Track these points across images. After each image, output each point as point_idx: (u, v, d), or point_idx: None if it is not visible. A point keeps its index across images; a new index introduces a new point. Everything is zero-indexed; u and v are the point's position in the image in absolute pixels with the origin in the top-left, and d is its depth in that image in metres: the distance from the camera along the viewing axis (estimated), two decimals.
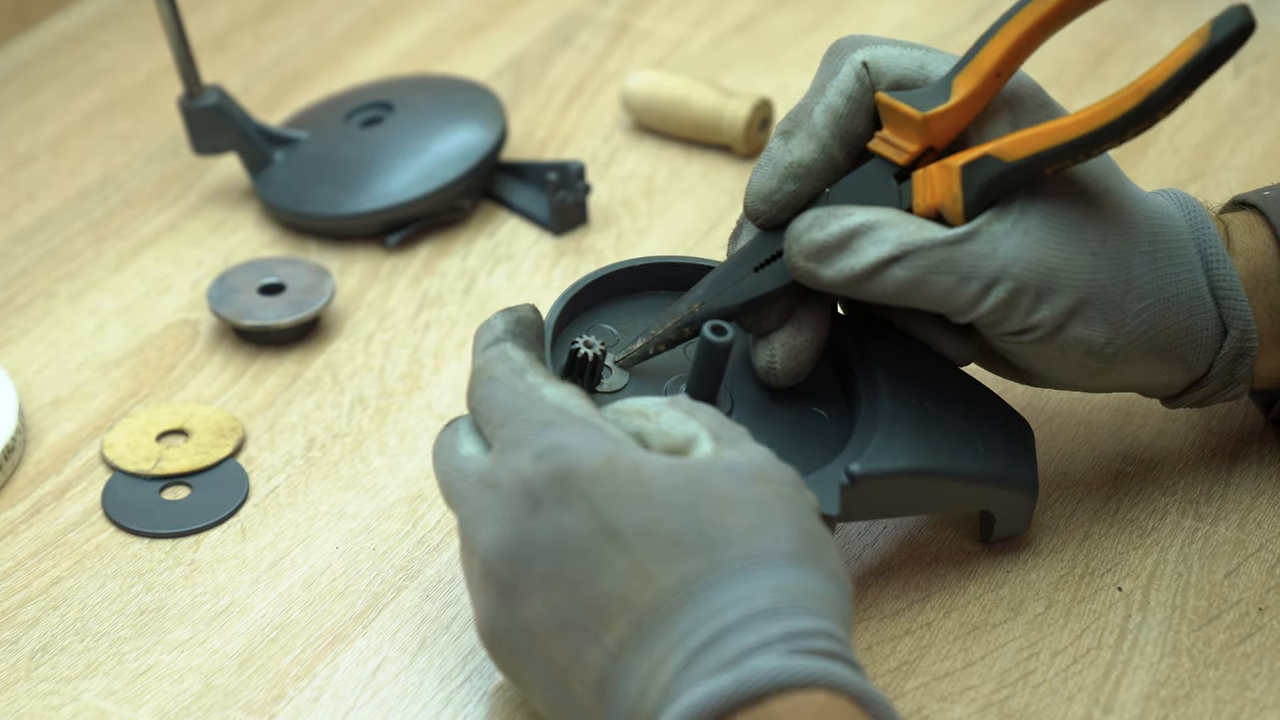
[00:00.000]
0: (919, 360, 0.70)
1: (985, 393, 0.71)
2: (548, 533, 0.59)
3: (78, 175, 0.94)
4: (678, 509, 0.58)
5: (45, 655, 0.69)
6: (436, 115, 0.91)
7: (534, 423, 0.61)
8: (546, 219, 0.89)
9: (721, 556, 0.57)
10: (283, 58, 1.03)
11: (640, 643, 0.57)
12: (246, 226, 0.90)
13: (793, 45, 1.01)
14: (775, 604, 0.57)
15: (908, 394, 0.68)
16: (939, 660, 0.67)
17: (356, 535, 0.74)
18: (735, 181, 0.92)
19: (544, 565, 0.59)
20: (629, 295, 0.71)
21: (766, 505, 0.59)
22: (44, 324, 0.85)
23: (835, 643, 0.57)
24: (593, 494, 0.58)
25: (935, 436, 0.68)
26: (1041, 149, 0.64)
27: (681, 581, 0.57)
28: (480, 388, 0.63)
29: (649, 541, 0.58)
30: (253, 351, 0.83)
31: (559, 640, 0.59)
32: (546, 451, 0.59)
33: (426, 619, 0.70)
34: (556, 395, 0.62)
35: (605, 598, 0.58)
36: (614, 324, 0.70)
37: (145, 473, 0.76)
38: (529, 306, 0.66)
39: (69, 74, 1.02)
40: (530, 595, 0.59)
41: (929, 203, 0.66)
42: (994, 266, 0.65)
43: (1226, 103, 0.94)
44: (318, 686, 0.67)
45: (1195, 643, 0.68)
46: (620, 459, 0.59)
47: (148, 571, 0.72)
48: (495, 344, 0.64)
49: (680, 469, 0.59)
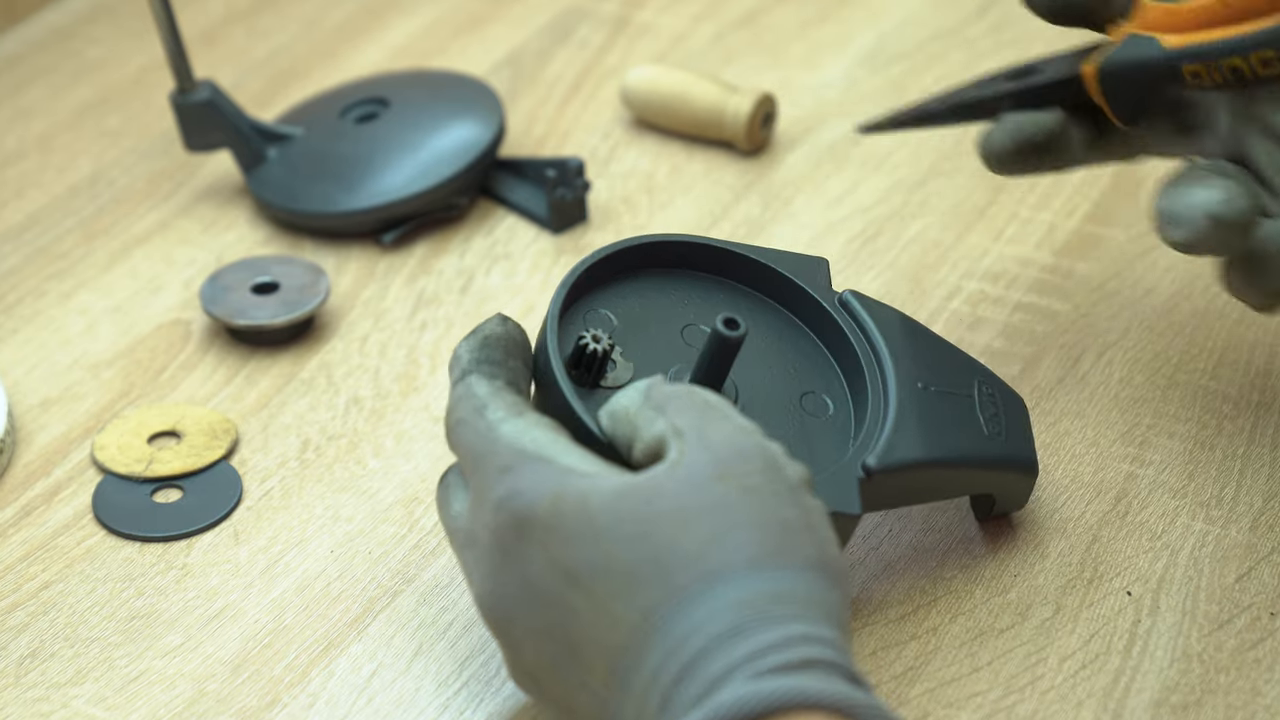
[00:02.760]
0: (921, 339, 0.70)
1: (983, 370, 0.71)
2: (517, 585, 0.59)
3: (67, 172, 0.94)
4: (628, 540, 0.57)
5: (34, 661, 0.69)
6: (433, 111, 0.91)
7: (493, 469, 0.60)
8: (545, 217, 0.89)
9: (677, 581, 0.56)
10: (276, 52, 1.03)
11: (619, 684, 0.57)
12: (239, 224, 0.90)
13: (796, 39, 1.01)
14: (737, 622, 0.55)
15: (912, 377, 0.68)
16: (945, 665, 0.67)
17: (351, 539, 0.73)
18: (737, 178, 0.91)
19: (523, 617, 0.59)
20: (627, 277, 0.69)
21: (726, 508, 0.57)
22: (33, 324, 0.85)
23: (810, 645, 0.55)
24: (547, 540, 0.58)
25: (946, 423, 0.67)
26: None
27: (643, 615, 0.56)
28: (451, 432, 0.63)
29: (606, 580, 0.57)
30: (246, 352, 0.83)
31: (558, 683, 0.59)
32: (503, 501, 0.59)
33: (423, 624, 0.70)
34: (513, 432, 0.61)
35: (580, 642, 0.58)
36: (611, 308, 0.68)
37: (136, 475, 0.76)
38: (495, 319, 0.65)
39: (58, 69, 1.02)
40: (523, 644, 0.60)
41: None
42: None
43: None
44: (312, 693, 0.67)
45: (1206, 648, 0.67)
46: (567, 497, 0.58)
47: (139, 576, 0.72)
48: (461, 379, 0.64)
49: (630, 493, 0.58)
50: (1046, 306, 0.82)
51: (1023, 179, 0.89)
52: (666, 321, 0.69)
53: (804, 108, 0.95)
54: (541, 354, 0.65)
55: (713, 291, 0.70)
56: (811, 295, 0.70)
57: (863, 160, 0.91)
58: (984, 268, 0.84)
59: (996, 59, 0.97)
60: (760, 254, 0.70)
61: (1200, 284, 0.83)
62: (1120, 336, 0.80)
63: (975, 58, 0.97)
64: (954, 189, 0.89)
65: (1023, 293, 0.83)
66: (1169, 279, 0.83)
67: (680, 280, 0.70)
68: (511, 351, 0.65)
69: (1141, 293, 0.82)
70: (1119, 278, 0.83)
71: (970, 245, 0.86)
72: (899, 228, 0.87)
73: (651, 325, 0.68)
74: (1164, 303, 0.82)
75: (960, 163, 0.91)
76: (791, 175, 0.91)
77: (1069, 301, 0.82)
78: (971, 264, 0.85)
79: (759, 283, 0.71)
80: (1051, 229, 0.86)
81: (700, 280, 0.70)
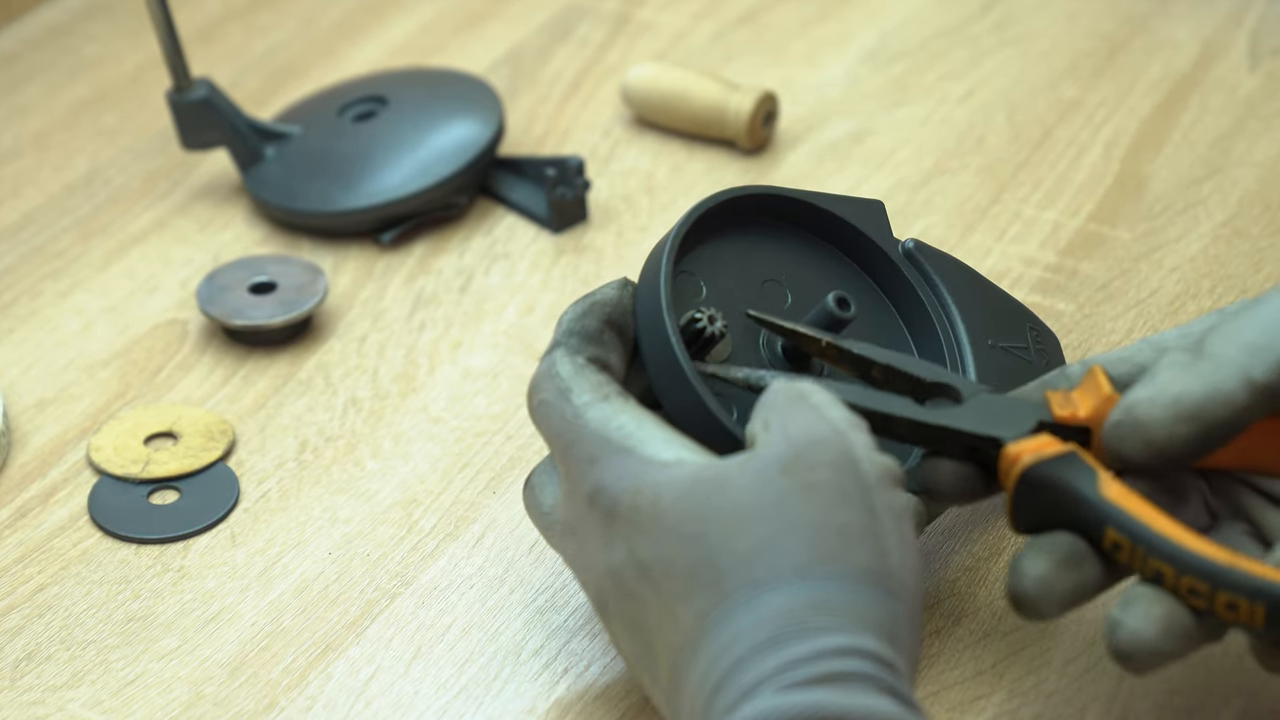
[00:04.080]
0: (981, 290, 0.69)
1: (1028, 312, 0.71)
2: (607, 576, 0.60)
3: (63, 171, 0.94)
4: (690, 539, 0.57)
5: (30, 664, 0.69)
6: (432, 109, 0.91)
7: (582, 460, 0.60)
8: (545, 216, 0.88)
9: (727, 586, 0.56)
10: (274, 50, 1.02)
11: (677, 683, 0.57)
12: (236, 224, 0.90)
13: (798, 37, 1.01)
14: (776, 632, 0.55)
15: (983, 335, 0.68)
16: (948, 669, 0.67)
17: (350, 541, 0.73)
18: (738, 177, 0.91)
19: (614, 607, 0.60)
20: (699, 241, 0.67)
21: (784, 509, 0.57)
22: (29, 324, 0.85)
23: (846, 659, 0.54)
24: (628, 534, 0.58)
25: (1017, 383, 0.67)
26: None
27: (697, 618, 0.56)
28: (534, 411, 0.63)
29: (671, 578, 0.57)
30: (243, 352, 0.82)
31: (644, 675, 0.60)
32: (592, 496, 0.60)
33: (422, 626, 0.69)
34: (599, 419, 0.61)
35: (651, 636, 0.58)
36: (695, 272, 0.67)
37: (133, 476, 0.76)
38: (616, 284, 0.64)
39: (54, 67, 1.02)
40: (618, 635, 0.61)
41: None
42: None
43: (1244, 96, 0.93)
44: (310, 696, 0.67)
45: (1210, 650, 0.66)
46: (644, 491, 0.58)
47: (135, 578, 0.72)
48: (550, 350, 0.63)
49: (697, 489, 0.58)
50: (1050, 306, 0.82)
51: (1025, 179, 0.89)
52: (745, 278, 0.68)
53: (806, 106, 0.95)
54: (657, 340, 0.63)
55: (783, 243, 0.69)
56: (879, 248, 0.69)
57: (865, 159, 0.91)
58: (987, 267, 0.84)
59: (1000, 57, 0.97)
60: (822, 200, 0.69)
61: (1206, 284, 0.82)
62: (1125, 337, 0.80)
63: (978, 56, 0.97)
64: (957, 188, 0.89)
65: (1026, 293, 0.82)
66: (1173, 279, 0.83)
67: (749, 233, 0.69)
68: (611, 321, 0.64)
69: (1147, 293, 0.82)
70: (1124, 277, 0.83)
71: (973, 245, 0.86)
72: (902, 227, 0.87)
73: (733, 287, 0.67)
74: (1168, 303, 0.82)
75: (964, 161, 0.90)
76: (793, 174, 0.91)
77: (1073, 301, 0.82)
78: (975, 263, 0.84)
79: (826, 232, 0.70)
80: (1055, 228, 0.86)
81: (769, 232, 0.69)
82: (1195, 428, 0.59)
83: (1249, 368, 0.59)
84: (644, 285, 0.64)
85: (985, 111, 0.93)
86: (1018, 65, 0.96)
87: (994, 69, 0.96)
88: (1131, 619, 0.58)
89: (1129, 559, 0.59)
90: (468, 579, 0.71)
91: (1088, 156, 0.90)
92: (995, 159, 0.90)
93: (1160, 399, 0.60)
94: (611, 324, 0.64)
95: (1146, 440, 0.60)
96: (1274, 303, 0.60)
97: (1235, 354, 0.60)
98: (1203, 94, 0.93)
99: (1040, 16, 0.99)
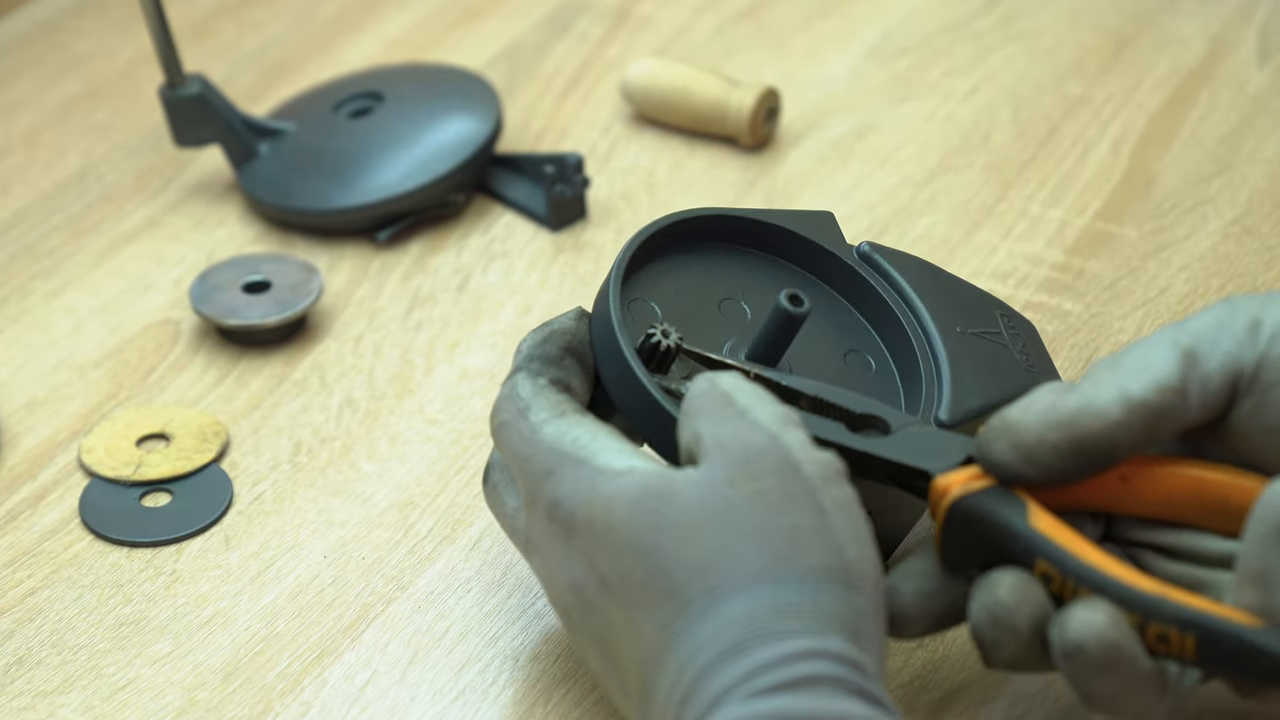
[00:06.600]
0: (944, 282, 0.70)
1: (996, 300, 0.71)
2: (570, 591, 0.60)
3: (54, 168, 0.94)
4: (644, 551, 0.57)
5: (20, 669, 0.69)
6: (428, 106, 0.91)
7: (538, 474, 0.61)
8: (543, 214, 0.88)
9: (686, 596, 0.56)
10: (268, 46, 1.02)
11: (645, 697, 0.57)
12: (230, 222, 0.90)
13: (799, 33, 1.00)
14: (739, 639, 0.55)
15: (951, 323, 0.68)
16: (953, 674, 0.66)
17: (345, 544, 0.73)
18: (740, 174, 0.91)
19: (578, 620, 0.60)
20: (650, 261, 0.68)
21: (733, 517, 0.57)
22: (19, 324, 0.85)
23: (812, 662, 0.54)
24: (586, 547, 0.59)
25: (993, 364, 0.68)
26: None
27: (659, 629, 0.57)
28: (495, 433, 0.64)
29: (629, 590, 0.57)
30: (237, 352, 0.82)
31: (612, 689, 0.60)
32: (551, 509, 0.60)
33: (418, 631, 0.69)
34: (554, 434, 0.61)
35: (618, 650, 0.58)
36: (648, 296, 0.67)
37: (124, 479, 0.76)
38: (573, 313, 0.65)
39: (45, 63, 1.02)
40: (585, 649, 0.61)
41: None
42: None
43: (1253, 93, 0.93)
44: (305, 701, 0.67)
45: None
46: (596, 502, 0.59)
47: (127, 582, 0.72)
48: (512, 375, 0.64)
49: (645, 500, 0.58)
50: (1057, 306, 0.81)
51: (1031, 176, 0.88)
52: (701, 300, 0.68)
53: (808, 102, 0.94)
54: (611, 355, 0.64)
55: (736, 262, 0.70)
56: (831, 253, 0.70)
57: (868, 156, 0.91)
58: (993, 266, 0.84)
59: (1005, 52, 0.97)
60: (770, 216, 0.70)
61: (1216, 283, 0.82)
62: (1132, 336, 0.80)
63: (983, 51, 0.97)
64: (962, 185, 0.89)
65: (1033, 292, 0.82)
66: (1182, 278, 0.82)
67: (701, 256, 0.69)
68: (571, 348, 0.65)
69: (1155, 292, 0.82)
70: (1131, 276, 0.83)
71: (979, 243, 0.85)
72: (906, 225, 0.86)
73: (688, 306, 0.68)
74: (1177, 302, 0.81)
75: (969, 158, 0.90)
76: (795, 171, 0.91)
77: (1080, 301, 0.82)
78: (980, 262, 0.84)
79: (777, 247, 0.70)
80: (1062, 227, 0.86)
81: (721, 253, 0.70)
82: (1066, 435, 0.60)
83: (1124, 385, 0.60)
84: (597, 307, 0.65)
85: (990, 108, 0.93)
86: (1023, 61, 0.96)
87: (999, 65, 0.96)
88: (1074, 617, 0.58)
89: (1059, 589, 0.59)
90: (465, 582, 0.71)
91: (1095, 154, 0.89)
92: (1000, 156, 0.90)
93: (1034, 407, 0.60)
94: (571, 350, 0.65)
95: (1014, 443, 0.60)
96: (1155, 338, 0.62)
97: (1112, 375, 0.61)
98: (1211, 90, 0.93)
99: (1046, 12, 0.99)
